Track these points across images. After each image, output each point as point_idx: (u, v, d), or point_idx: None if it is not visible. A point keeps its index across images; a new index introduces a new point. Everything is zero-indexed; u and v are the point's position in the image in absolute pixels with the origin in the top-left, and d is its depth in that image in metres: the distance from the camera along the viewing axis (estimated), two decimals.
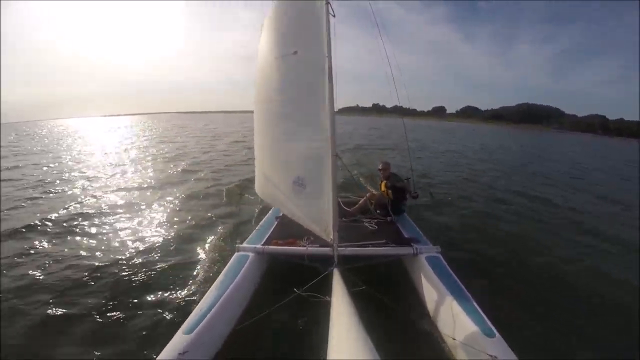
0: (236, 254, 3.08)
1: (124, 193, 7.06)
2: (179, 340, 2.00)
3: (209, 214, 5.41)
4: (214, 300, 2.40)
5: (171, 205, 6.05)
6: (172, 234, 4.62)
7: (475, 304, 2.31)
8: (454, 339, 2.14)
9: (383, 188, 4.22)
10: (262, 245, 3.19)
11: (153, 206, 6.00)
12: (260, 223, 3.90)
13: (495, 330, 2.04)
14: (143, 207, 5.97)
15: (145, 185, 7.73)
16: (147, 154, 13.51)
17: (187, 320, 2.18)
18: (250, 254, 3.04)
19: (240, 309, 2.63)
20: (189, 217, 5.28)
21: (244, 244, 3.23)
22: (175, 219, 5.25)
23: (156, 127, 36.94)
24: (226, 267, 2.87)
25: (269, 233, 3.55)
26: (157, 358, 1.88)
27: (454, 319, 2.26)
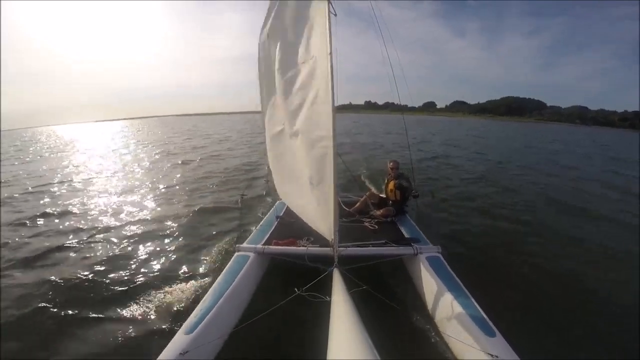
0: (236, 254, 2.98)
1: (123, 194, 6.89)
2: (179, 340, 1.94)
3: (209, 214, 5.27)
4: (214, 300, 2.33)
5: (171, 204, 5.91)
6: (171, 233, 4.49)
7: (475, 303, 2.25)
8: (455, 339, 2.07)
9: (392, 187, 4.02)
10: (262, 245, 3.09)
11: (153, 204, 5.85)
12: (261, 223, 3.79)
13: (496, 330, 1.99)
14: (142, 206, 5.82)
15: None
16: None
17: (188, 321, 2.12)
18: (251, 254, 2.94)
19: (240, 309, 2.55)
20: (189, 216, 5.14)
21: (244, 244, 3.13)
22: (173, 218, 5.10)
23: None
24: (226, 268, 2.78)
25: (269, 233, 3.44)
26: (158, 358, 1.81)
27: (455, 319, 2.20)
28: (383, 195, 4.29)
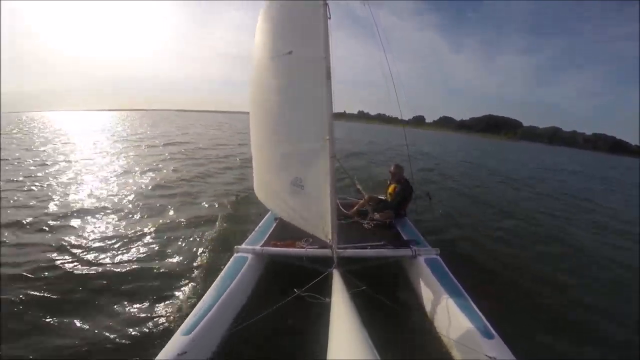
0: (235, 255, 2.86)
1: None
2: (177, 341, 1.83)
3: (208, 214, 5.07)
4: (212, 301, 2.22)
5: (169, 204, 5.66)
6: (170, 234, 4.27)
7: (473, 305, 2.20)
8: (453, 340, 2.01)
9: (391, 190, 3.96)
10: (261, 246, 2.98)
11: (151, 204, 5.58)
12: (259, 224, 3.65)
13: (494, 332, 1.94)
14: (140, 205, 5.55)
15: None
16: None
17: (186, 321, 2.01)
18: (249, 255, 2.83)
19: (239, 309, 2.44)
20: (188, 217, 4.92)
21: (243, 245, 3.01)
22: (173, 218, 4.88)
23: None
24: (225, 268, 2.67)
25: (268, 234, 3.33)
26: (156, 359, 1.70)
27: (453, 320, 2.15)
28: (383, 197, 4.23)
